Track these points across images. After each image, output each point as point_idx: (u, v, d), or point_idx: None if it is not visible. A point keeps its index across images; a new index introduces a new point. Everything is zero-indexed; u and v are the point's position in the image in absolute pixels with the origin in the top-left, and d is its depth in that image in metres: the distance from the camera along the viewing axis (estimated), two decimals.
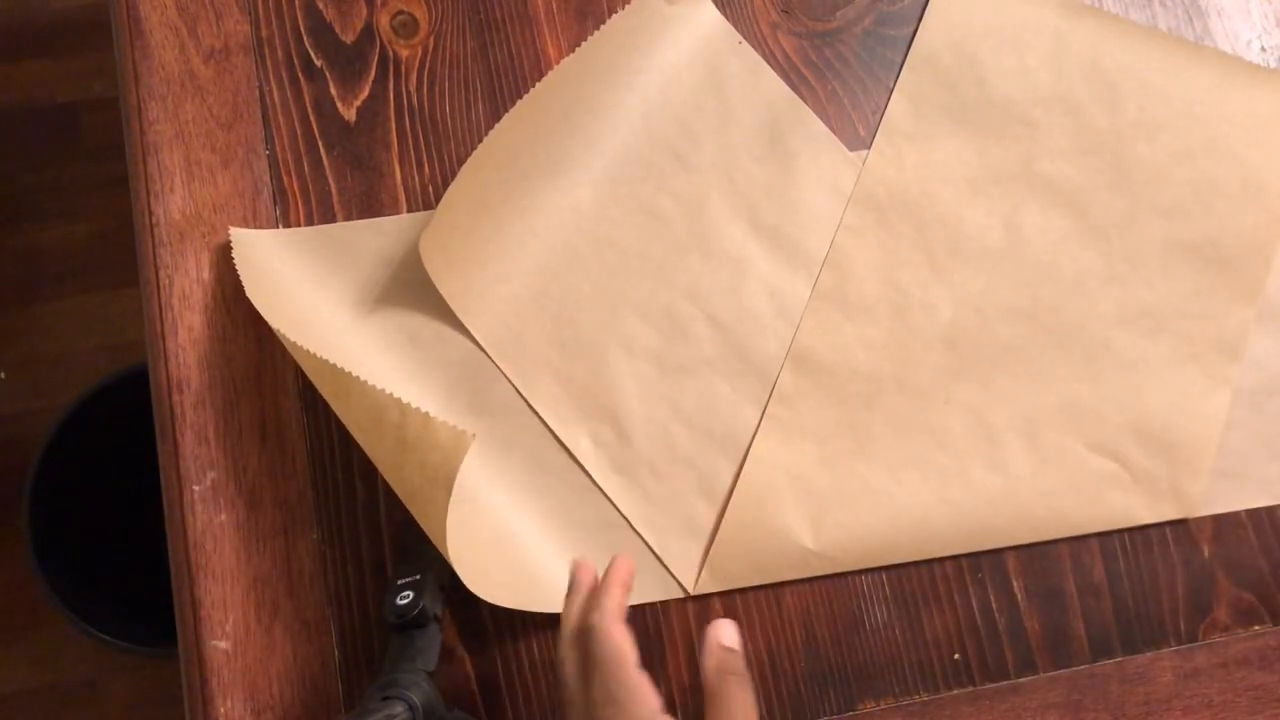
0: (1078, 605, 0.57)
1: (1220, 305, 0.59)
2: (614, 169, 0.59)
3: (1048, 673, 0.56)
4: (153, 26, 0.59)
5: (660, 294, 0.58)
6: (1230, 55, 0.64)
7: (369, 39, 0.61)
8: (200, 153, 0.58)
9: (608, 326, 0.57)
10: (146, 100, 0.58)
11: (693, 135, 0.60)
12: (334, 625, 0.54)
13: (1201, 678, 0.56)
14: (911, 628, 0.56)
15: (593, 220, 0.59)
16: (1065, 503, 0.56)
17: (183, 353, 0.56)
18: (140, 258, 0.57)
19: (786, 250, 0.59)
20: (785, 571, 0.55)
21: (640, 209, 0.59)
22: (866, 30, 0.64)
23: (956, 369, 0.58)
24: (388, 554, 0.55)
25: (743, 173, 0.60)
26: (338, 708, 0.53)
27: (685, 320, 0.58)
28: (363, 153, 0.59)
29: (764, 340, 0.58)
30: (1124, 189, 0.60)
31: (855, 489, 0.56)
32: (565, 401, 0.56)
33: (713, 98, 0.61)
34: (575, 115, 0.59)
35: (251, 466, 0.55)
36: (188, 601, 0.53)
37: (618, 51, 0.61)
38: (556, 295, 0.58)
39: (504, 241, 0.57)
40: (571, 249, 0.58)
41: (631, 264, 0.58)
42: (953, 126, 0.61)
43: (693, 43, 0.61)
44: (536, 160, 0.58)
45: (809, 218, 0.60)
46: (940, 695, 0.55)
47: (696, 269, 0.58)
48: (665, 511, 0.55)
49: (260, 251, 0.57)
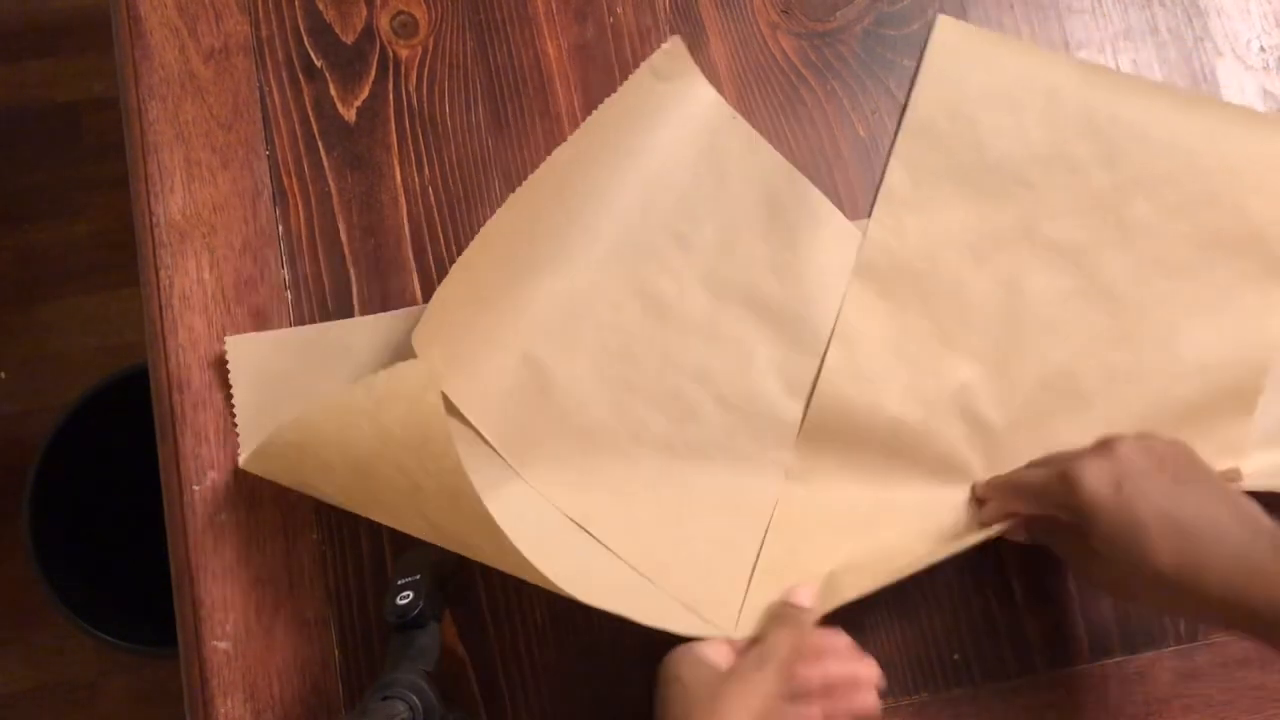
0: (1078, 605, 0.57)
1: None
2: (613, 252, 0.58)
3: (1048, 673, 0.56)
4: (153, 26, 0.59)
5: (667, 377, 0.57)
6: (1229, 103, 0.63)
7: (369, 39, 0.61)
8: (200, 153, 0.58)
9: (615, 414, 0.56)
10: (146, 100, 0.59)
11: (692, 214, 0.59)
12: (334, 625, 0.54)
13: (1201, 677, 0.56)
14: (911, 627, 0.56)
15: (593, 305, 0.57)
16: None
17: (183, 353, 0.56)
18: (140, 258, 0.57)
19: (792, 327, 0.58)
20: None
21: (641, 292, 0.58)
22: (866, 30, 0.64)
23: (972, 440, 0.57)
24: (388, 554, 0.55)
25: (744, 249, 0.58)
26: (338, 708, 0.53)
27: (694, 403, 0.56)
28: (363, 153, 0.59)
29: (775, 419, 0.57)
30: (1128, 246, 0.59)
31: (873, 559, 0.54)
32: (578, 495, 0.55)
33: (710, 175, 0.60)
34: (571, 202, 0.58)
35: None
36: (188, 601, 0.53)
37: (612, 134, 0.60)
38: (561, 386, 0.56)
39: (503, 334, 0.56)
40: (572, 336, 0.57)
41: (635, 348, 0.57)
42: (952, 191, 0.60)
43: (687, 120, 0.60)
44: (534, 249, 0.57)
45: (813, 292, 0.58)
46: (940, 695, 0.55)
47: (701, 350, 0.57)
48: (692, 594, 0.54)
49: (256, 358, 0.56)
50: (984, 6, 0.64)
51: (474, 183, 0.60)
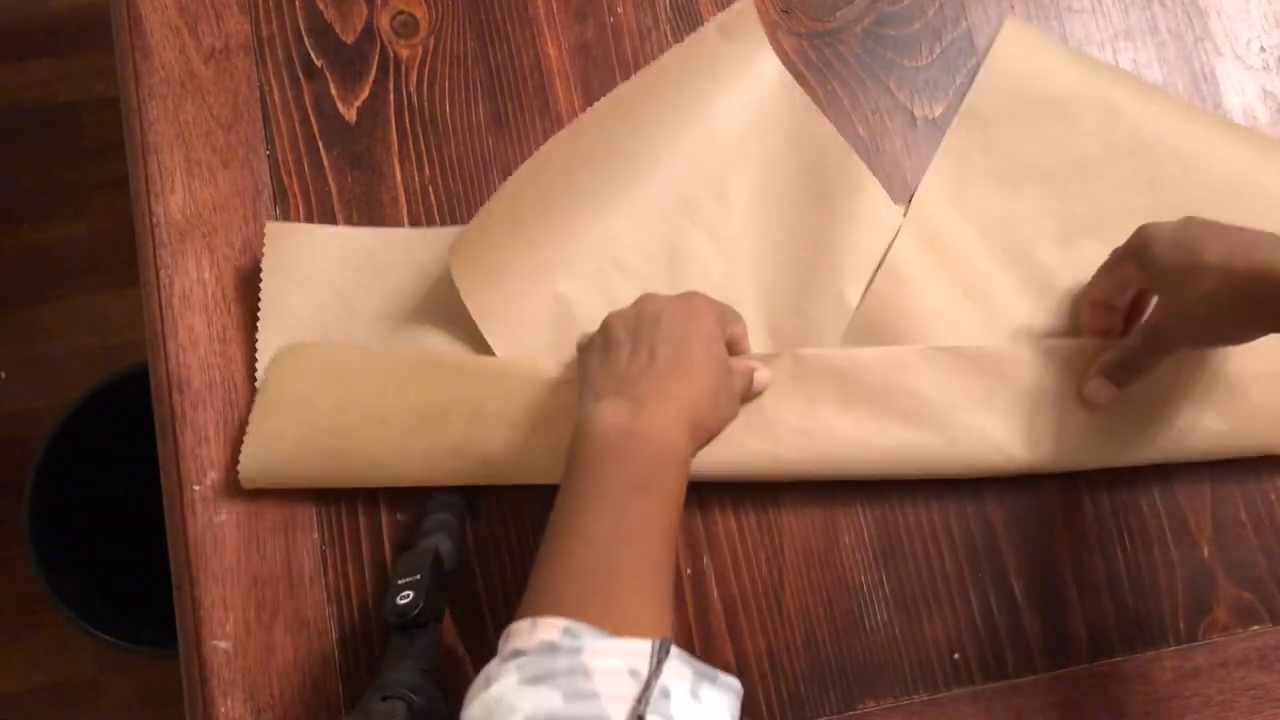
0: (1078, 605, 0.57)
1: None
2: (655, 201, 0.59)
3: (1048, 673, 0.56)
4: (153, 26, 0.59)
5: None
6: (1272, 137, 0.64)
7: (369, 39, 0.61)
8: (200, 153, 0.58)
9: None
10: (147, 100, 0.59)
11: (738, 174, 0.59)
12: (334, 625, 0.54)
13: (1201, 677, 0.56)
14: (911, 627, 0.56)
15: (626, 253, 0.58)
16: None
17: (183, 353, 0.56)
18: (140, 258, 0.57)
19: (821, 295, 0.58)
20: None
21: (675, 246, 0.58)
22: (866, 30, 0.64)
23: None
24: (388, 554, 0.55)
25: (782, 217, 0.59)
26: (338, 707, 0.53)
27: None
28: (363, 153, 0.59)
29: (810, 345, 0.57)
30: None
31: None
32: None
33: (761, 140, 0.60)
34: (622, 144, 0.59)
35: None
36: (188, 601, 0.53)
37: (672, 84, 0.60)
38: (582, 322, 0.56)
39: (537, 266, 0.57)
40: (602, 278, 0.57)
41: None
42: (994, 191, 0.60)
43: (746, 81, 0.61)
44: (578, 186, 0.58)
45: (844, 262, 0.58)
46: (940, 695, 0.55)
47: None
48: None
49: (291, 247, 0.57)
50: (984, 6, 0.64)
51: (474, 182, 0.60)
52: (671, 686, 0.37)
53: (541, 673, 0.36)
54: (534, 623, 0.39)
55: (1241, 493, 0.59)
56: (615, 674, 0.36)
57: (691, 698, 0.37)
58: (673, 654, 0.38)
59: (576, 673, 0.36)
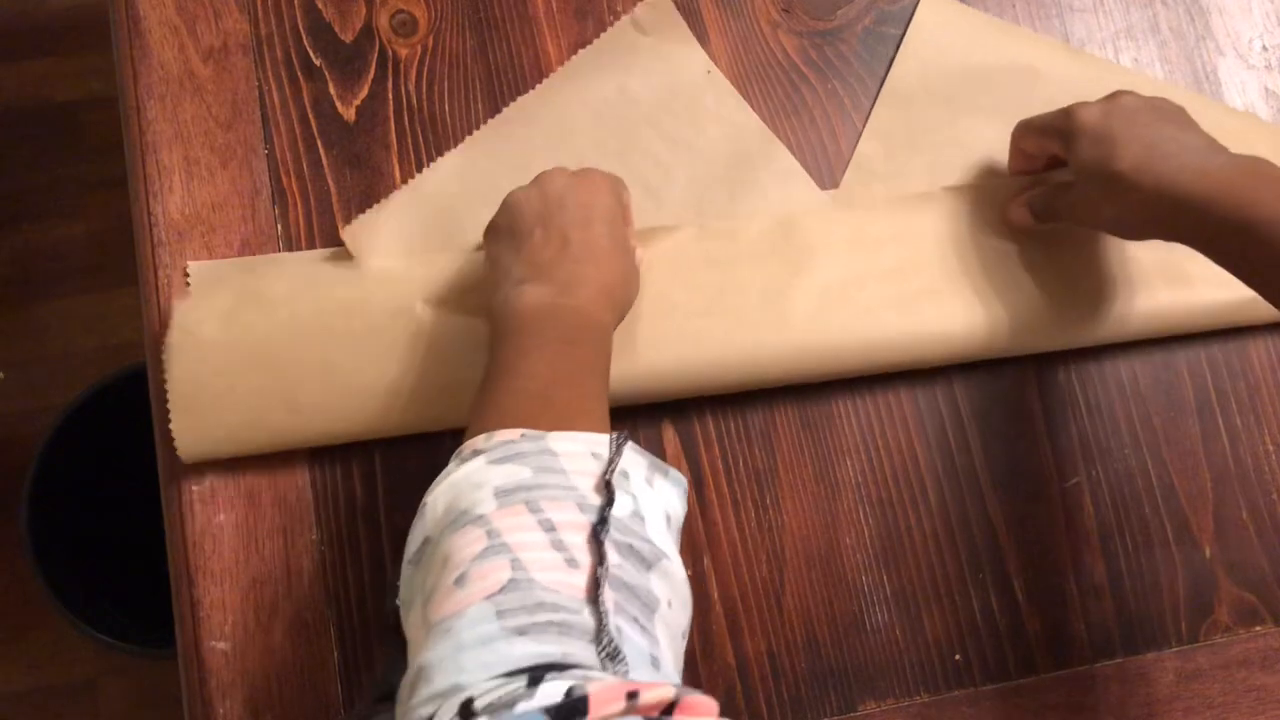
0: (1078, 606, 0.56)
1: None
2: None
3: (1048, 673, 0.56)
4: (151, 26, 0.59)
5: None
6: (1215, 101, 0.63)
7: (368, 38, 0.60)
8: (199, 152, 0.58)
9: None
10: (145, 100, 0.58)
11: (664, 168, 0.59)
12: (333, 626, 0.53)
13: (1202, 678, 0.56)
14: (912, 628, 0.56)
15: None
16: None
17: None
18: (140, 258, 0.57)
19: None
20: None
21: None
22: (866, 29, 0.63)
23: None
24: (388, 554, 0.54)
25: (713, 206, 0.59)
26: (337, 709, 0.52)
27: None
28: (362, 152, 0.59)
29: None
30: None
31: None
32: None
33: (687, 129, 0.60)
34: (537, 141, 0.59)
35: (251, 466, 0.54)
36: (187, 602, 0.53)
37: (591, 80, 0.60)
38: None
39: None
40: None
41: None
42: (922, 166, 0.60)
43: (667, 73, 0.61)
44: (497, 153, 0.58)
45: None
46: (941, 696, 0.55)
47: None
48: None
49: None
50: (984, 4, 0.64)
51: None
52: (630, 470, 0.39)
53: (509, 454, 0.38)
54: (490, 435, 0.40)
55: (1243, 492, 0.59)
56: (579, 455, 0.39)
57: (646, 484, 0.40)
58: (629, 445, 0.40)
59: (544, 453, 0.38)
